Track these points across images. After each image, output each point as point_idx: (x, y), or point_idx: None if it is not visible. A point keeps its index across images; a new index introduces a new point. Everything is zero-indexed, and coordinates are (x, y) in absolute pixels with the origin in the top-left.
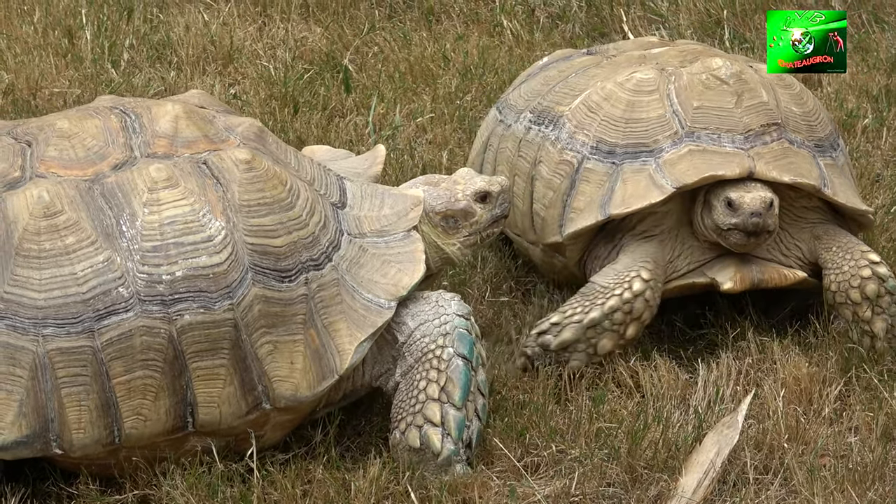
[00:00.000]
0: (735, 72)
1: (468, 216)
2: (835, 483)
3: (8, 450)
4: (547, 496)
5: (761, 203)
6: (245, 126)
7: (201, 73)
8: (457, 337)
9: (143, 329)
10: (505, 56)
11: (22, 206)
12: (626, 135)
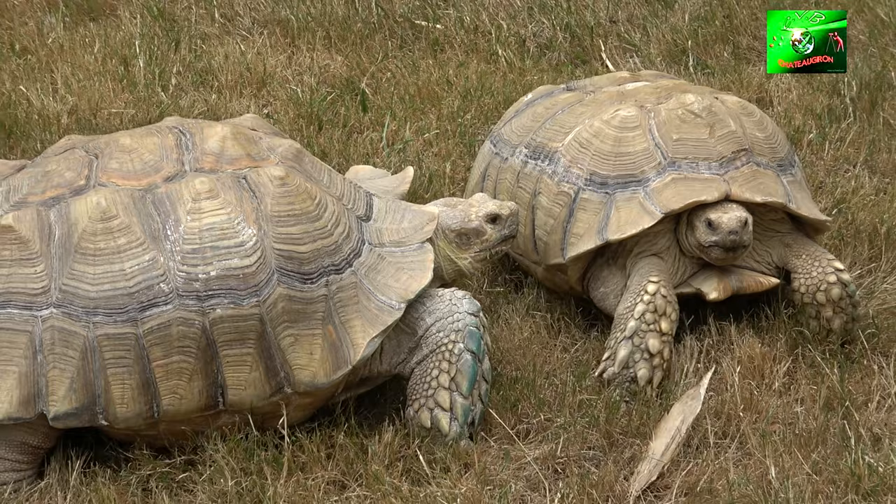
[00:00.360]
0: (706, 105)
1: (479, 235)
2: (783, 446)
3: (59, 419)
4: (536, 458)
5: (738, 222)
6: (285, 147)
7: (238, 96)
8: (467, 334)
9: (180, 320)
10: (500, 80)
11: (83, 210)
12: (615, 167)
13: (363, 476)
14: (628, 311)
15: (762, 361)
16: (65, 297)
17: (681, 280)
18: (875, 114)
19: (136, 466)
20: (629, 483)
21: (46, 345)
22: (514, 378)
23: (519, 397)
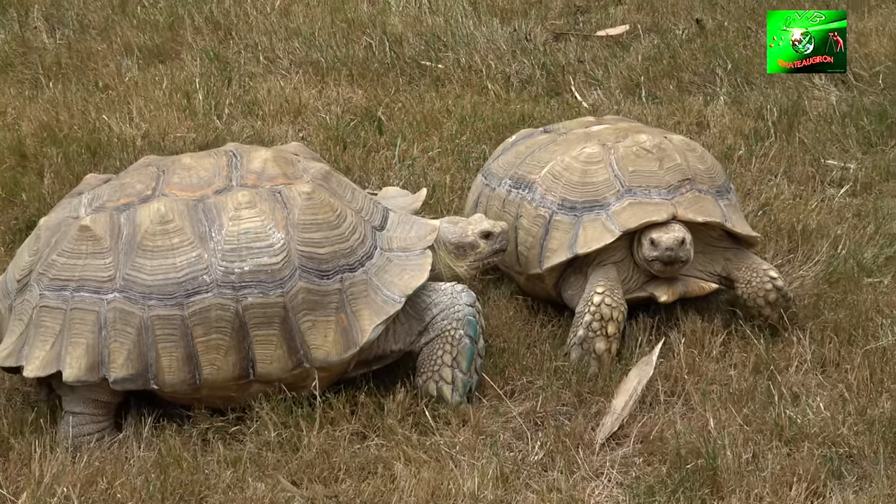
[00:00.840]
0: (656, 143)
1: (474, 248)
2: (720, 403)
3: (118, 383)
4: (520, 413)
5: (674, 241)
6: (316, 169)
7: (279, 123)
8: (466, 322)
9: (218, 305)
10: (490, 109)
11: (146, 215)
12: (582, 194)
13: (381, 428)
14: (579, 318)
15: (702, 334)
16: (126, 284)
17: (636, 286)
18: (792, 134)
19: (196, 422)
20: (595, 433)
21: (110, 322)
22: (502, 348)
23: (506, 364)
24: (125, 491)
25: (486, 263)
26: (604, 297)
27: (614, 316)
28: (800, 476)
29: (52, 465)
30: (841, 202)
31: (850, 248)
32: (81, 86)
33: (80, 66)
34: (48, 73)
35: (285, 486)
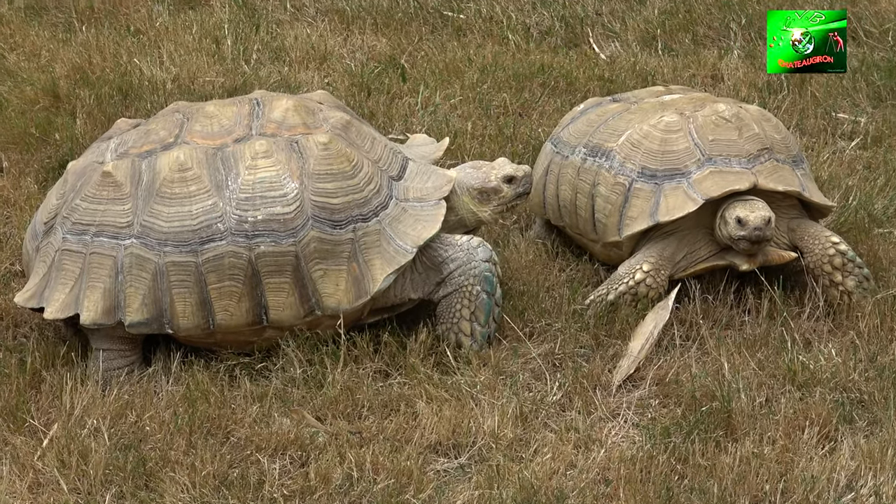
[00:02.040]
0: (734, 112)
1: (497, 192)
2: (734, 347)
3: (133, 327)
4: (539, 354)
5: (762, 220)
6: (337, 118)
7: (305, 69)
8: (483, 279)
9: (231, 253)
10: (510, 59)
11: (165, 162)
12: (663, 162)
13: (403, 367)
14: (615, 283)
15: (718, 281)
16: (143, 231)
17: (708, 254)
18: (804, 88)
19: (223, 358)
20: (612, 375)
21: (126, 267)
22: (521, 291)
23: (525, 306)
24: (154, 424)
25: (510, 207)
26: (646, 277)
27: (650, 295)
28: (812, 420)
29: (82, 398)
30: (852, 154)
31: (861, 200)
32: (114, 30)
33: (113, 10)
34: (81, 17)
35: (310, 422)
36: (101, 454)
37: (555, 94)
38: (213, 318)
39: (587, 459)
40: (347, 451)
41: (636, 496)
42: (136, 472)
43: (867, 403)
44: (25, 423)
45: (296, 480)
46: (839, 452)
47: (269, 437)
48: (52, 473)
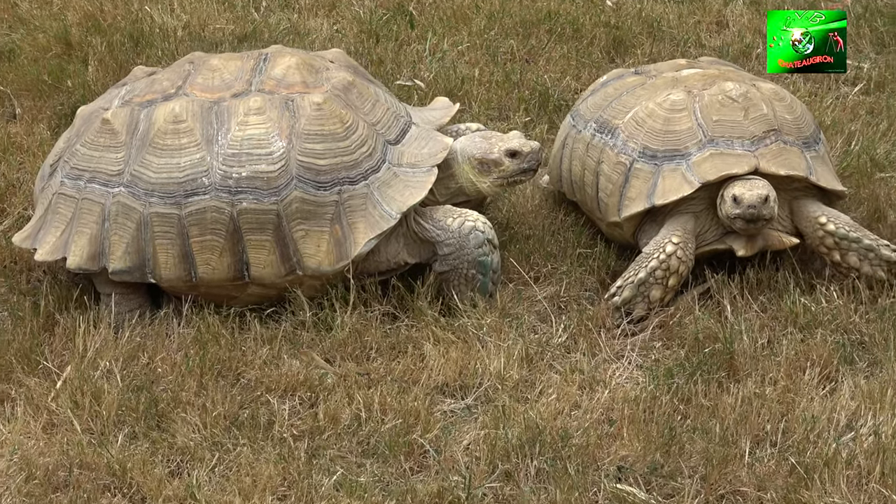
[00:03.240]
0: (743, 92)
1: (498, 165)
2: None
3: (116, 274)
4: (545, 297)
5: (758, 198)
6: (338, 79)
7: (314, 16)
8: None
9: (213, 208)
10: (517, 5)
11: (161, 113)
12: (664, 142)
13: (411, 310)
14: (645, 260)
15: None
16: (133, 180)
17: (713, 237)
18: None
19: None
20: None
21: (112, 215)
22: (528, 235)
23: (532, 250)
24: (165, 366)
25: (512, 181)
26: (676, 249)
27: (680, 270)
28: (813, 361)
29: (95, 341)
30: (855, 100)
31: (864, 144)
32: None
33: None
34: None
35: (319, 363)
36: (114, 395)
37: (561, 40)
38: (195, 270)
39: (591, 400)
40: (356, 392)
41: (639, 436)
42: (148, 413)
43: (867, 345)
44: (39, 365)
45: (305, 421)
46: (839, 393)
47: (279, 379)
48: (66, 414)
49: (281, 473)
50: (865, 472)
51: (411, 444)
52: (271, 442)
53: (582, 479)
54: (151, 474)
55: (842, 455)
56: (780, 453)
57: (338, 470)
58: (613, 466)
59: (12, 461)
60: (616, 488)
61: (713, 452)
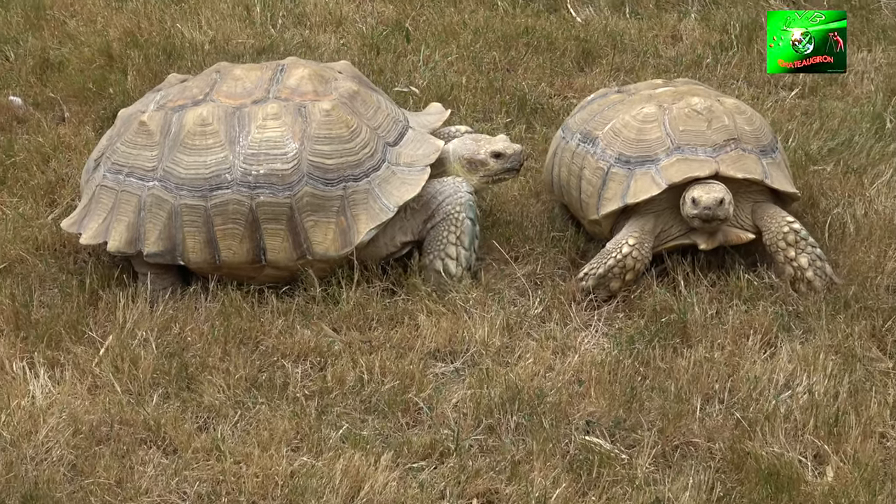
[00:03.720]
0: (707, 106)
1: (483, 165)
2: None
3: (150, 257)
4: (523, 274)
5: (714, 201)
6: (345, 88)
7: (323, 32)
8: (468, 206)
9: (235, 201)
10: (499, 22)
11: (190, 117)
12: (637, 150)
13: (406, 286)
14: (605, 257)
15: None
16: (165, 175)
17: (679, 233)
18: (751, 45)
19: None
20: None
21: (147, 206)
22: (508, 220)
23: (511, 234)
24: (194, 335)
25: (496, 179)
26: (632, 250)
27: (636, 267)
28: (755, 329)
29: (133, 313)
30: (791, 103)
31: (799, 141)
32: None
33: None
34: None
35: (327, 332)
36: (150, 361)
37: (537, 52)
38: (219, 254)
39: (563, 363)
40: (359, 358)
41: (605, 394)
42: (179, 376)
43: (803, 315)
44: (85, 335)
45: (315, 382)
46: (778, 357)
47: (293, 346)
48: (108, 377)
49: (294, 428)
50: (801, 425)
51: (407, 402)
52: (286, 401)
53: (555, 432)
54: (182, 429)
55: (780, 410)
56: (726, 409)
57: (343, 425)
58: (582, 421)
59: (61, 418)
60: (585, 440)
61: (669, 408)
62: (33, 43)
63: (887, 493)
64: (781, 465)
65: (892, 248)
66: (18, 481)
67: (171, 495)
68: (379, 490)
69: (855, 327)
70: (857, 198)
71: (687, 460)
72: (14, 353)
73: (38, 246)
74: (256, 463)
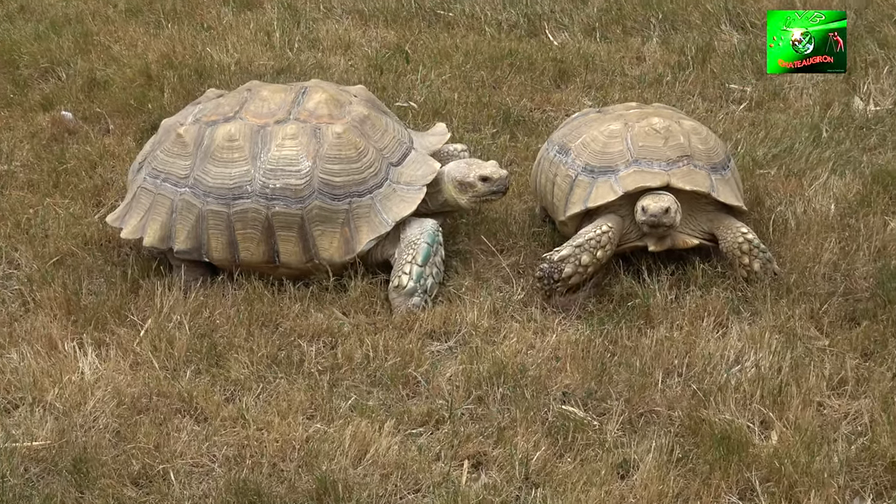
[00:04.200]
0: (665, 125)
1: (472, 187)
2: (652, 260)
3: (179, 253)
4: (508, 264)
5: (659, 209)
6: (357, 112)
7: (334, 54)
8: (428, 234)
9: (253, 209)
10: (487, 46)
11: (221, 132)
12: (601, 161)
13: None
14: (584, 233)
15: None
16: (195, 183)
17: (635, 237)
18: (705, 65)
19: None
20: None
21: (178, 209)
22: (494, 218)
23: (497, 229)
24: (222, 318)
25: (483, 201)
26: (609, 231)
27: (606, 248)
28: (709, 312)
29: (169, 300)
30: (741, 115)
31: (747, 148)
32: (191, 26)
33: (190, 12)
34: (167, 17)
35: (338, 316)
36: (183, 341)
37: (519, 71)
38: (238, 254)
39: (543, 342)
40: (365, 338)
41: (579, 369)
42: (209, 354)
43: (750, 299)
44: (127, 318)
45: (327, 359)
46: (729, 336)
47: (308, 328)
48: (147, 355)
49: (309, 399)
50: (749, 396)
51: (407, 376)
52: (302, 375)
53: (535, 402)
54: (212, 400)
55: (731, 383)
56: (684, 382)
57: (352, 396)
58: (559, 392)
59: (107, 391)
60: (561, 409)
61: (634, 381)
62: (82, 65)
63: (824, 454)
64: (732, 430)
65: (828, 241)
66: (70, 446)
67: (203, 458)
68: (383, 453)
69: (796, 310)
70: (798, 198)
71: (650, 426)
72: (66, 335)
73: (86, 241)
74: (276, 429)
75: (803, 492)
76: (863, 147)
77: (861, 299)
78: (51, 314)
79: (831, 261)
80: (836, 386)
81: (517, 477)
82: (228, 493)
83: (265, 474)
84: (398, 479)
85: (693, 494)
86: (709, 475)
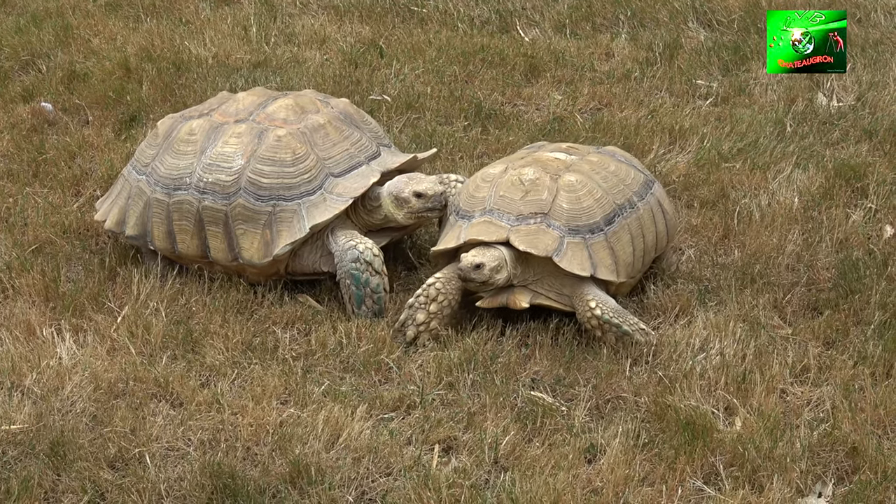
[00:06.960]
0: (532, 178)
1: (406, 202)
2: None
3: (129, 238)
4: None
5: (469, 264)
6: (312, 120)
7: (310, 48)
8: (350, 276)
9: (188, 202)
10: (459, 41)
11: (185, 127)
12: (468, 205)
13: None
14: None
15: None
16: (151, 171)
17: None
18: (673, 62)
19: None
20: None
21: (133, 195)
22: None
23: None
24: (198, 305)
25: (419, 217)
26: (436, 282)
27: (439, 299)
28: (674, 303)
29: (146, 287)
30: (707, 110)
31: (713, 142)
32: (170, 21)
33: (169, 6)
34: (146, 12)
35: (312, 304)
36: (160, 327)
37: (491, 66)
38: (176, 245)
39: (512, 330)
40: (339, 325)
41: (548, 356)
42: (185, 340)
43: (715, 290)
44: (104, 305)
45: (301, 346)
46: (695, 324)
47: (282, 315)
48: (124, 341)
49: (283, 384)
50: (714, 382)
51: (379, 362)
52: (276, 361)
53: (505, 388)
54: (187, 385)
55: (696, 370)
56: (651, 369)
57: (325, 382)
58: (528, 378)
59: (84, 376)
60: (530, 394)
61: (602, 368)
62: (62, 57)
63: (787, 440)
64: (697, 416)
65: (792, 232)
66: (47, 430)
67: (178, 441)
68: (355, 437)
69: (760, 300)
70: (762, 190)
71: (617, 412)
72: (44, 321)
73: (64, 230)
74: (251, 414)
75: (766, 476)
76: (826, 142)
77: (823, 289)
78: (29, 301)
79: (795, 252)
80: (799, 373)
81: (486, 461)
82: (203, 476)
83: (239, 458)
84: (370, 462)
85: (658, 478)
86: (674, 460)
